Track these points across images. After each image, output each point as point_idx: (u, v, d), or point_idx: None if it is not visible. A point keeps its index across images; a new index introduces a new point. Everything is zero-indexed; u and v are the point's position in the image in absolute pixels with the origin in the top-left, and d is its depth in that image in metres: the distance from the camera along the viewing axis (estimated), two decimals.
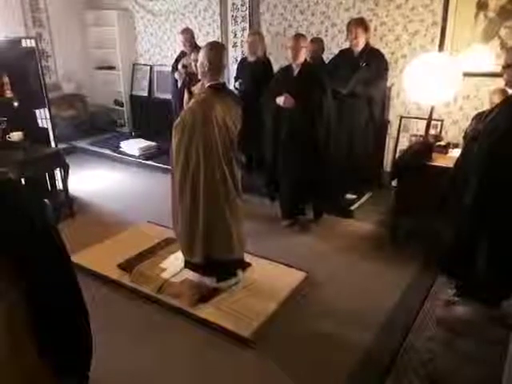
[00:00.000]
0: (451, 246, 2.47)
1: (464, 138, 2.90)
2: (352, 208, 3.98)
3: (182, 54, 4.74)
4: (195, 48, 4.31)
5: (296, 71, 3.43)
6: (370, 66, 3.79)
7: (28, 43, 4.33)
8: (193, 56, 3.90)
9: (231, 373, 2.23)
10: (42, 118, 4.51)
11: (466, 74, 3.11)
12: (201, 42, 4.88)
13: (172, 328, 2.54)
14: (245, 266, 2.99)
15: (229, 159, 2.59)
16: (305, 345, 2.40)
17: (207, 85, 2.55)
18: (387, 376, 2.16)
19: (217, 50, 2.53)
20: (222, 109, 2.51)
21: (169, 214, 2.78)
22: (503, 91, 2.87)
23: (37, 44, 4.32)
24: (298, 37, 3.40)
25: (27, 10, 5.78)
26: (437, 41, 4.09)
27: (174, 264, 3.07)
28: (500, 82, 2.47)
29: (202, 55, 2.51)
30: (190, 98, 2.71)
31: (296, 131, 3.41)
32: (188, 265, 2.83)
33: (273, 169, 3.65)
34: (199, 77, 2.60)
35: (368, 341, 2.40)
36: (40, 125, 4.41)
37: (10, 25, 5.47)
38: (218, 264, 2.73)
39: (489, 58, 3.71)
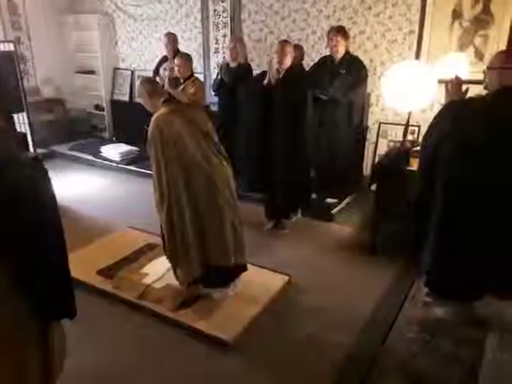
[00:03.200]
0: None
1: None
2: (332, 212, 4.03)
3: (164, 59, 4.74)
4: (177, 53, 4.32)
5: (281, 75, 3.47)
6: (349, 72, 3.87)
7: (6, 47, 4.29)
8: (176, 61, 3.92)
9: (212, 377, 2.23)
10: (21, 122, 4.45)
11: (442, 82, 3.19)
12: (182, 47, 4.90)
13: (153, 333, 2.53)
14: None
15: (208, 155, 2.61)
16: (286, 348, 2.42)
17: (160, 102, 2.66)
18: (368, 377, 2.19)
19: (147, 83, 2.78)
20: (179, 113, 2.61)
21: (150, 219, 2.78)
22: None
23: (15, 48, 4.28)
24: (284, 42, 3.46)
25: (5, 14, 5.70)
26: (414, 49, 4.19)
27: (155, 269, 3.05)
28: (473, 90, 2.53)
29: (139, 94, 2.77)
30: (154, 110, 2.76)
31: (279, 133, 3.45)
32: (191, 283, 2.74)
33: (258, 170, 3.68)
34: (151, 110, 2.72)
35: (349, 342, 2.43)
36: (18, 129, 4.35)
37: None
38: (217, 271, 2.67)
39: (464, 65, 3.82)
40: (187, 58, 4.01)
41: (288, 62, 3.41)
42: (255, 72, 4.51)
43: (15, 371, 1.31)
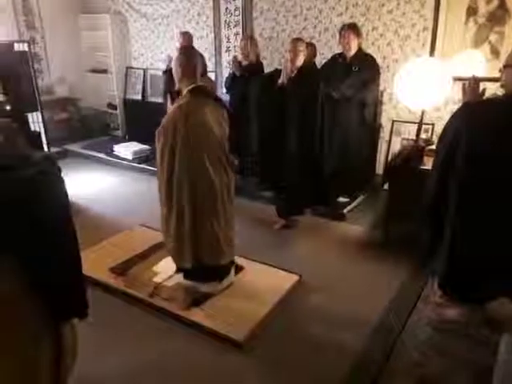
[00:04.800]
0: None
1: None
2: (344, 211, 4.00)
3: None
4: None
5: (293, 74, 3.45)
6: (362, 70, 3.83)
7: (21, 47, 4.34)
8: None
9: (222, 377, 2.23)
10: (35, 121, 4.50)
11: (457, 79, 3.15)
12: (195, 46, 4.89)
13: (163, 332, 2.54)
14: (238, 269, 2.99)
15: (215, 161, 2.55)
16: (297, 348, 2.41)
17: (186, 89, 2.52)
18: (379, 378, 2.17)
19: (186, 54, 2.56)
20: (204, 111, 2.48)
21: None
22: None
23: (29, 47, 4.34)
24: (297, 40, 3.45)
25: (20, 14, 5.77)
26: (428, 45, 4.13)
27: (166, 268, 3.06)
28: (490, 87, 2.49)
29: (174, 62, 2.53)
30: (172, 103, 2.71)
31: (291, 132, 3.44)
32: (179, 270, 2.82)
33: (270, 169, 3.67)
34: (177, 85, 2.58)
35: (360, 343, 2.41)
36: (32, 128, 4.40)
37: (3, 28, 5.45)
38: (208, 269, 2.70)
39: (479, 63, 3.76)
40: (199, 57, 4.00)
41: (300, 60, 3.40)
42: (266, 70, 4.51)
43: (27, 369, 1.32)
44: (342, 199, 4.14)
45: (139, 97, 6.40)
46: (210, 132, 2.50)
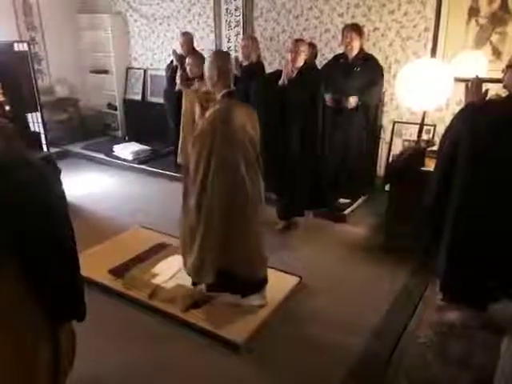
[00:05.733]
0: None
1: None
2: (345, 212, 3.98)
3: (181, 57, 4.71)
4: (192, 52, 4.31)
5: (294, 74, 3.44)
6: (364, 71, 3.81)
7: (20, 47, 4.33)
8: (187, 60, 3.91)
9: (222, 379, 2.22)
10: (34, 121, 4.49)
11: (459, 80, 3.13)
12: (195, 46, 4.88)
13: (162, 334, 2.52)
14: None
15: (250, 169, 2.44)
16: (297, 351, 2.39)
17: (221, 94, 2.43)
18: (379, 381, 2.16)
19: (222, 57, 2.46)
20: (241, 117, 2.41)
21: (161, 218, 2.77)
22: None
23: (29, 48, 4.32)
24: (298, 41, 3.44)
25: (20, 14, 5.76)
26: (429, 46, 4.12)
27: (166, 269, 3.05)
28: (492, 88, 2.47)
29: (207, 66, 2.43)
30: (202, 111, 2.56)
31: (291, 133, 3.42)
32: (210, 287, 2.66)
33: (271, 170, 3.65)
34: (210, 89, 2.49)
35: (361, 346, 2.40)
36: (32, 129, 4.38)
37: (3, 28, 5.44)
38: (239, 280, 2.57)
39: (481, 63, 3.74)
40: (199, 57, 3.99)
41: (301, 60, 3.39)
42: (267, 70, 4.49)
43: (24, 370, 1.31)
44: (342, 201, 4.12)
45: (139, 97, 6.38)
46: (247, 138, 2.42)
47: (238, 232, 2.46)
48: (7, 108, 3.83)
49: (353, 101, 3.76)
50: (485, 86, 2.38)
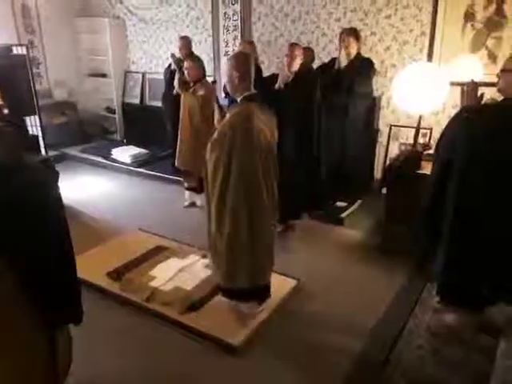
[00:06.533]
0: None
1: None
2: (342, 215, 4.00)
3: (179, 61, 4.72)
4: (190, 56, 4.32)
5: (290, 78, 3.46)
6: (354, 73, 3.81)
7: (19, 50, 4.34)
8: (185, 64, 3.93)
9: (219, 381, 2.22)
10: (33, 125, 4.50)
11: (454, 84, 3.15)
12: (193, 50, 4.90)
13: (160, 336, 2.52)
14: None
15: (270, 175, 2.41)
16: (295, 353, 2.40)
17: (241, 97, 2.37)
18: (377, 383, 2.16)
19: (243, 59, 2.39)
20: (261, 121, 2.35)
21: (159, 221, 2.76)
22: None
23: (28, 51, 4.33)
24: (294, 45, 3.46)
25: (19, 17, 5.78)
26: (425, 51, 4.15)
27: (164, 272, 3.05)
28: (487, 92, 2.50)
29: (228, 68, 2.38)
30: (221, 114, 2.54)
31: (287, 136, 3.43)
32: (226, 293, 2.63)
33: None
34: (230, 92, 2.46)
35: (358, 348, 2.40)
36: (30, 132, 4.39)
37: (1, 32, 5.45)
38: (263, 288, 2.60)
39: (477, 68, 3.77)
40: (197, 61, 4.01)
41: (297, 64, 3.40)
42: (264, 74, 4.51)
43: (22, 373, 1.32)
44: (339, 204, 4.14)
45: (137, 101, 6.40)
46: (266, 144, 2.36)
47: (257, 238, 2.43)
48: (5, 111, 3.83)
49: None
50: (480, 90, 2.41)
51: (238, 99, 2.39)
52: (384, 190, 3.67)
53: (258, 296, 2.63)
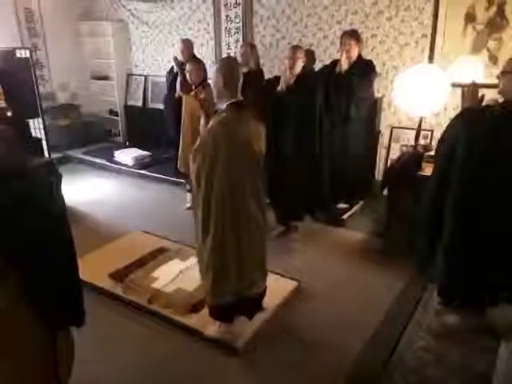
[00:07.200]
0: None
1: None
2: (344, 217, 4.00)
3: (181, 64, 4.74)
4: (192, 59, 4.34)
5: (292, 81, 3.47)
6: (355, 76, 3.81)
7: (23, 53, 4.37)
8: (187, 67, 3.95)
9: (221, 383, 2.23)
10: (36, 127, 4.53)
11: (455, 85, 3.16)
12: (195, 53, 4.92)
13: (162, 338, 2.53)
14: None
15: (255, 185, 2.31)
16: (295, 354, 2.40)
17: (226, 104, 2.27)
18: None
19: (229, 65, 2.31)
20: (246, 129, 2.26)
21: (161, 222, 2.77)
22: None
23: (31, 54, 4.36)
24: (295, 48, 3.47)
25: (22, 21, 5.82)
26: (426, 52, 4.16)
27: (166, 273, 3.07)
28: (488, 94, 2.50)
29: (213, 74, 2.29)
30: (207, 120, 2.44)
31: (289, 138, 3.45)
32: (213, 310, 2.47)
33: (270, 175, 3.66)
34: (215, 99, 2.34)
35: (359, 350, 2.41)
36: (34, 134, 4.42)
37: (5, 35, 5.50)
38: (249, 301, 2.48)
39: (478, 69, 3.78)
40: (198, 63, 4.03)
41: (299, 67, 3.42)
42: (266, 77, 4.52)
43: (21, 374, 1.33)
44: (341, 205, 4.14)
45: (140, 103, 6.43)
46: (251, 152, 2.26)
47: (244, 248, 2.33)
48: (9, 114, 3.87)
49: None
50: (481, 92, 2.41)
51: (223, 106, 2.28)
52: (385, 192, 3.67)
53: (247, 310, 2.50)
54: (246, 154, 2.23)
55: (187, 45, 4.67)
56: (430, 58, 4.12)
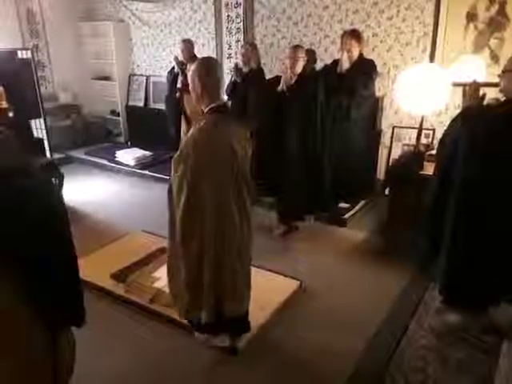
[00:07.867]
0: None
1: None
2: (345, 216, 4.00)
3: (182, 64, 4.76)
4: (193, 59, 4.35)
5: (293, 81, 3.47)
6: (356, 75, 3.81)
7: (24, 54, 4.38)
8: (188, 67, 3.95)
9: (221, 383, 2.23)
10: (38, 128, 4.54)
11: (457, 84, 3.15)
12: (196, 53, 4.93)
13: (163, 337, 2.53)
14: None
15: (240, 192, 2.15)
16: (297, 355, 2.40)
17: (206, 109, 2.10)
18: None
19: (207, 66, 2.09)
20: (228, 134, 2.10)
21: (163, 222, 2.75)
22: None
23: (33, 55, 4.37)
24: (296, 47, 3.47)
25: (24, 22, 5.84)
26: (428, 51, 4.15)
27: (166, 274, 3.06)
28: (489, 92, 2.50)
29: (191, 77, 2.09)
30: (188, 126, 2.37)
31: (291, 138, 3.45)
32: (194, 327, 2.38)
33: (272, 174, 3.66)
34: (194, 102, 2.18)
35: (360, 349, 2.40)
36: (35, 135, 4.43)
37: (7, 36, 5.51)
38: (230, 320, 2.27)
39: (479, 68, 3.77)
40: None
41: (300, 67, 3.42)
42: (267, 77, 4.53)
43: (24, 375, 1.33)
44: (342, 205, 4.14)
45: (142, 103, 6.44)
46: (235, 158, 2.09)
47: (226, 266, 2.16)
48: (11, 114, 3.87)
49: None
50: (482, 91, 2.41)
51: (204, 110, 2.12)
52: (387, 191, 3.67)
53: (230, 329, 2.37)
54: (229, 162, 2.07)
55: (188, 45, 4.68)
56: (432, 57, 4.11)
